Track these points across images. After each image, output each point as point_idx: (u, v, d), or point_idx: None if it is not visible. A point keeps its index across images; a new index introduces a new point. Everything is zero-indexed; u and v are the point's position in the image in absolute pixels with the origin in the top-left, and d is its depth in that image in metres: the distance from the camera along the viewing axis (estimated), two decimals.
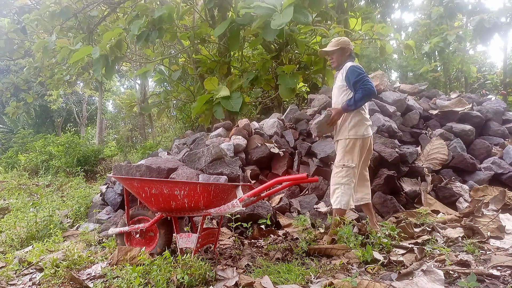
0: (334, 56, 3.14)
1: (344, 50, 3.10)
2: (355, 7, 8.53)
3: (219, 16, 6.22)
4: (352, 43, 3.22)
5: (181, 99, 8.19)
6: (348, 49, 3.12)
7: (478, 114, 4.97)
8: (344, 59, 3.12)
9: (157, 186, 2.44)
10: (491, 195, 3.66)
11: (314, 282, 2.11)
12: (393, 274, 2.13)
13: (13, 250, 3.24)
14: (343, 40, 3.13)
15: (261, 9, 4.35)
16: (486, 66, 15.51)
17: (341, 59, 3.13)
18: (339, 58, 3.13)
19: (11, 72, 13.35)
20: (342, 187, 2.90)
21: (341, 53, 3.10)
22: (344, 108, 2.97)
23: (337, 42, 3.11)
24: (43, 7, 6.18)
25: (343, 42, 3.11)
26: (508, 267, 2.09)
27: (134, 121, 15.60)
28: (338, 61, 3.14)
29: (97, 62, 5.01)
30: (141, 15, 5.46)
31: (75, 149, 9.18)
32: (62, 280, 2.33)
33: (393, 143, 4.22)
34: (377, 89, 5.28)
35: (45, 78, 8.68)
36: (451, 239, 2.75)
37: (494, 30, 10.18)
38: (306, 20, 4.33)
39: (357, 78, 2.91)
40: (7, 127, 16.44)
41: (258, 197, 2.78)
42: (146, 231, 2.74)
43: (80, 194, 5.01)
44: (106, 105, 21.03)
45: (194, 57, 6.89)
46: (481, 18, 10.07)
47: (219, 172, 3.95)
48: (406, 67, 13.13)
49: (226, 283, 2.14)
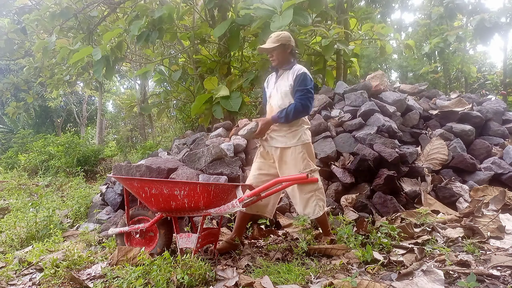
0: (274, 54, 2.87)
1: (285, 46, 2.85)
2: (355, 7, 8.52)
3: (219, 16, 6.22)
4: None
5: (181, 99, 8.19)
6: (290, 45, 2.87)
7: (478, 114, 4.97)
8: (287, 57, 2.89)
9: (157, 186, 2.44)
10: (491, 195, 3.66)
11: (314, 282, 2.11)
12: (393, 274, 2.13)
13: (13, 250, 3.24)
14: (283, 35, 2.86)
15: (261, 11, 4.35)
16: (486, 66, 15.51)
17: (282, 56, 2.87)
18: (280, 55, 2.87)
19: (11, 72, 13.35)
20: (316, 192, 2.79)
21: (282, 50, 2.85)
22: (274, 119, 2.77)
23: (277, 38, 2.84)
24: (44, 8, 6.18)
25: (283, 38, 2.84)
26: (508, 267, 2.09)
27: (134, 121, 15.60)
28: (279, 59, 2.88)
29: (98, 63, 5.02)
30: (141, 15, 5.46)
31: (75, 149, 9.18)
32: (62, 280, 2.33)
33: (393, 143, 4.22)
34: (377, 89, 5.28)
35: (45, 78, 8.69)
36: (451, 239, 2.75)
37: (494, 30, 10.18)
38: (306, 22, 4.34)
39: (302, 87, 2.74)
40: (7, 127, 16.43)
41: (258, 197, 2.78)
42: (146, 231, 2.74)
43: (80, 194, 5.01)
44: (106, 105, 21.04)
45: (194, 57, 6.89)
46: (481, 17, 10.07)
47: (219, 172, 3.95)
48: (406, 67, 13.13)
49: (226, 283, 2.14)
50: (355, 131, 4.57)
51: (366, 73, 7.38)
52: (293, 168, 2.77)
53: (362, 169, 3.94)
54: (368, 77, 5.59)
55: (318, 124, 4.61)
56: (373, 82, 5.30)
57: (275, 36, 2.87)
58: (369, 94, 5.14)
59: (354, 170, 3.98)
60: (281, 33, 2.89)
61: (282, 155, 2.83)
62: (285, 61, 2.90)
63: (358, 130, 4.54)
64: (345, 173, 4.03)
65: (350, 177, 4.00)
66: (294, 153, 2.78)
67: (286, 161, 2.81)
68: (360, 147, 4.14)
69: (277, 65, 2.93)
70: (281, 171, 2.86)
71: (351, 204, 3.74)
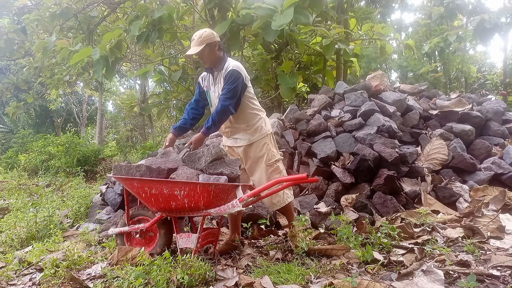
0: (204, 56, 2.72)
1: (211, 45, 2.69)
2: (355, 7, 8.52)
3: (219, 16, 6.22)
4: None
5: (181, 99, 8.19)
6: (216, 42, 2.71)
7: (478, 114, 4.97)
8: (217, 55, 2.74)
9: (157, 186, 2.44)
10: (491, 195, 3.66)
11: (314, 282, 2.11)
12: (393, 274, 2.13)
13: (13, 250, 3.24)
14: (205, 34, 2.68)
15: (262, 10, 4.35)
16: (486, 66, 15.51)
17: (212, 56, 2.72)
18: (210, 56, 2.72)
19: (11, 72, 13.35)
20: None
21: (210, 50, 2.70)
22: (205, 133, 2.74)
23: (200, 40, 2.66)
24: (44, 8, 6.19)
25: (207, 38, 2.67)
26: (508, 267, 2.09)
27: (134, 121, 15.62)
28: (210, 59, 2.74)
29: (98, 63, 5.02)
30: (141, 15, 5.47)
31: (75, 149, 9.18)
32: (62, 280, 2.33)
33: (393, 143, 4.22)
34: (377, 89, 5.28)
35: (45, 78, 8.69)
36: (451, 239, 2.75)
37: (494, 30, 10.17)
38: (307, 21, 4.33)
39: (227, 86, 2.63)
40: (7, 127, 16.43)
41: (258, 197, 2.78)
42: (146, 231, 2.74)
43: (80, 194, 5.00)
44: (106, 105, 21.04)
45: (194, 57, 6.89)
46: (482, 18, 10.07)
47: (219, 172, 3.92)
48: (406, 67, 13.13)
49: (226, 283, 2.14)
50: (355, 131, 4.57)
51: (366, 73, 7.39)
52: (258, 162, 2.82)
53: (362, 169, 3.94)
54: (368, 77, 5.58)
55: (318, 124, 4.61)
56: (373, 82, 5.30)
57: (197, 38, 2.68)
58: (369, 94, 5.14)
59: (354, 170, 3.98)
60: (203, 33, 2.70)
61: (247, 152, 2.86)
62: (216, 59, 2.76)
63: (358, 130, 4.54)
64: (345, 173, 4.03)
65: (350, 177, 4.00)
66: (258, 147, 2.82)
67: (251, 156, 2.85)
68: (360, 147, 4.14)
69: (210, 66, 2.81)
70: (247, 167, 2.91)
71: (351, 204, 3.74)
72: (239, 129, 2.87)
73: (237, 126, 2.87)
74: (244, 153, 2.89)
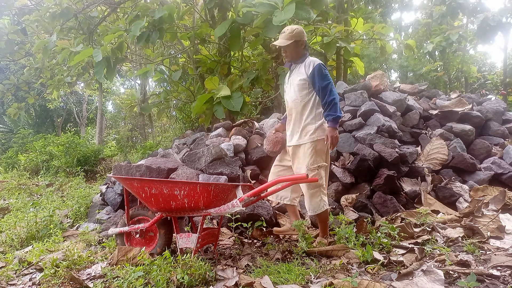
0: (288, 50, 2.89)
1: (298, 43, 2.85)
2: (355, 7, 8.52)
3: (219, 16, 6.22)
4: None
5: (181, 99, 8.19)
6: (303, 41, 2.87)
7: (478, 114, 4.97)
8: (300, 52, 2.90)
9: (157, 186, 2.44)
10: (491, 195, 3.66)
11: (314, 282, 2.11)
12: (393, 274, 2.13)
13: (13, 250, 3.24)
14: (297, 31, 2.84)
15: (263, 7, 4.35)
16: (486, 66, 15.51)
17: (296, 52, 2.89)
18: (294, 51, 2.89)
19: (11, 72, 13.36)
20: (321, 188, 2.87)
21: (296, 46, 2.86)
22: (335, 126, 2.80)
23: (290, 35, 2.82)
24: (44, 9, 6.19)
25: (297, 34, 2.83)
26: (508, 267, 2.09)
27: (134, 121, 15.62)
28: (292, 55, 2.92)
29: (99, 64, 5.02)
30: (141, 15, 5.46)
31: (75, 149, 9.18)
32: (62, 280, 2.33)
33: (393, 143, 4.22)
34: (377, 89, 5.28)
35: (46, 79, 8.69)
36: (451, 239, 2.75)
37: (498, 28, 10.17)
38: (308, 16, 4.31)
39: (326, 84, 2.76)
40: (7, 127, 16.44)
41: (258, 197, 2.78)
42: (146, 231, 2.74)
43: (80, 194, 5.01)
44: (106, 105, 21.04)
45: (194, 57, 6.89)
46: (485, 16, 10.06)
47: (219, 172, 3.95)
48: (406, 67, 13.12)
49: (226, 283, 2.14)
50: (355, 131, 4.57)
51: (367, 73, 7.39)
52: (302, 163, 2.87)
53: (362, 169, 3.94)
54: (368, 77, 5.59)
55: None
56: (373, 82, 5.30)
57: (288, 32, 2.83)
58: (369, 94, 5.14)
59: (354, 170, 3.98)
60: (295, 29, 2.84)
61: (295, 152, 2.94)
62: (298, 56, 2.91)
63: (358, 130, 4.54)
64: (345, 173, 4.03)
65: (350, 177, 4.00)
66: (304, 149, 2.87)
67: (299, 156, 2.91)
68: (360, 147, 4.14)
69: (290, 60, 2.97)
70: (294, 166, 2.98)
71: (351, 204, 3.74)
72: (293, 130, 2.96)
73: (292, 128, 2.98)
74: (293, 152, 2.97)
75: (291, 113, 2.99)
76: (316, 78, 2.78)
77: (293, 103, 2.93)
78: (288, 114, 3.05)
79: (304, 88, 2.86)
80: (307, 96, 2.87)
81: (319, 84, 2.78)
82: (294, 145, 2.93)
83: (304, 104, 2.89)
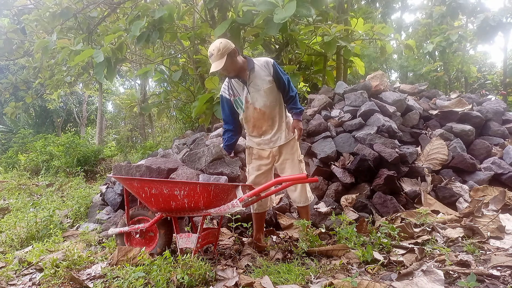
0: (228, 67, 2.66)
1: (231, 54, 2.64)
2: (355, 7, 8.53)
3: (220, 16, 6.22)
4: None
5: (181, 99, 8.20)
6: (234, 49, 2.65)
7: (478, 114, 4.97)
8: (239, 61, 2.71)
9: (157, 186, 2.44)
10: (491, 195, 3.66)
11: (314, 282, 2.11)
12: (393, 274, 2.13)
13: (13, 250, 3.24)
14: (222, 45, 2.60)
15: (263, 5, 4.35)
16: (486, 66, 15.49)
17: (235, 63, 2.68)
18: (233, 64, 2.67)
19: (10, 71, 13.35)
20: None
21: (231, 59, 2.65)
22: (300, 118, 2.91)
23: (220, 53, 2.58)
24: (44, 8, 6.19)
25: (225, 48, 2.59)
26: (508, 267, 2.09)
27: (134, 121, 15.61)
28: (234, 68, 2.70)
29: (100, 65, 5.02)
30: (141, 15, 5.47)
31: (75, 149, 9.18)
32: (62, 280, 2.33)
33: (393, 143, 4.22)
34: (377, 89, 5.28)
35: (45, 79, 8.68)
36: (451, 239, 2.76)
37: (498, 28, 10.16)
38: (309, 14, 4.31)
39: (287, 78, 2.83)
40: (7, 127, 16.43)
41: (258, 197, 2.78)
42: (146, 231, 2.74)
43: (80, 194, 5.00)
44: (106, 105, 21.04)
45: (194, 58, 6.89)
46: (485, 16, 10.05)
47: (219, 172, 3.95)
48: (406, 67, 13.12)
49: (226, 283, 2.14)
50: (355, 131, 4.57)
51: (367, 73, 7.38)
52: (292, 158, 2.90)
53: (362, 169, 3.94)
54: (368, 77, 5.59)
55: (318, 124, 4.61)
56: (373, 82, 5.30)
57: (216, 52, 2.60)
58: (369, 94, 5.14)
59: (354, 170, 3.98)
60: (219, 45, 2.61)
61: (281, 150, 2.93)
62: (240, 66, 2.73)
63: (358, 130, 4.54)
64: (345, 173, 4.03)
65: (350, 177, 4.00)
66: (292, 143, 2.92)
67: (288, 151, 2.91)
68: (360, 147, 4.14)
69: (237, 74, 2.76)
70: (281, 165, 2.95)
71: (351, 204, 3.74)
72: (280, 129, 2.92)
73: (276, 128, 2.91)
74: (279, 151, 2.93)
75: (263, 119, 2.84)
76: (280, 74, 2.79)
77: (267, 108, 2.80)
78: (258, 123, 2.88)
79: (273, 88, 2.80)
80: (278, 95, 2.87)
81: (283, 79, 2.80)
82: (283, 143, 2.91)
83: (279, 103, 2.90)
